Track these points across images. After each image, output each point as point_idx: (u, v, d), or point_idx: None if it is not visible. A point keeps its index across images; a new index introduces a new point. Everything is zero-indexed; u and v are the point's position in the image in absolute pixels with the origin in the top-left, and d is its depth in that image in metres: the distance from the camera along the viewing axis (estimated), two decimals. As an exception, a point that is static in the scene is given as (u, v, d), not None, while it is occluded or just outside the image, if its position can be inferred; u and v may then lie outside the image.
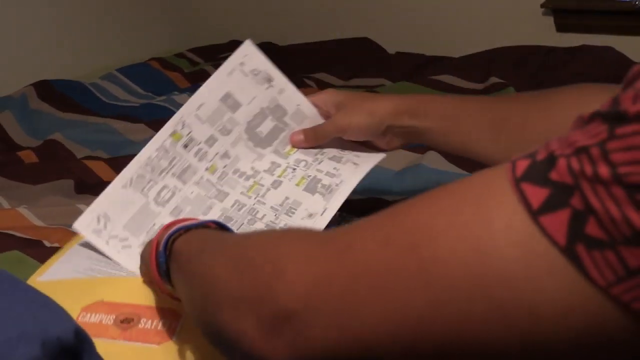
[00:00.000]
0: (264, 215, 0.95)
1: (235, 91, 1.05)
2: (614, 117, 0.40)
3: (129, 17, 2.53)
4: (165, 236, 0.72)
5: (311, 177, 1.00)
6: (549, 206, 0.41)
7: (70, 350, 0.53)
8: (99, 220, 0.94)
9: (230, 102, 1.04)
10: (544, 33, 2.26)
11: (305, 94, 1.08)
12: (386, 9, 2.49)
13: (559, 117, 0.89)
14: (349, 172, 1.01)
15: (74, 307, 0.84)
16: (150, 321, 0.81)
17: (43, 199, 1.29)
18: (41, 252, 1.03)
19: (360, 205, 1.23)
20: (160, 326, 0.80)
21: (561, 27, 2.25)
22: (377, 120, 1.02)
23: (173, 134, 0.99)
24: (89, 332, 0.64)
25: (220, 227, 0.75)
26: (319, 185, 0.99)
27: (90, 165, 1.48)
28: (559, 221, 0.40)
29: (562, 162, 0.41)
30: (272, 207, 0.97)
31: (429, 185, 1.27)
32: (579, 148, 0.41)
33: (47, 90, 1.92)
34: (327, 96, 1.07)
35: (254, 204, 0.97)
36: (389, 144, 1.07)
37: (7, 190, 1.36)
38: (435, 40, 2.38)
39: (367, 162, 1.04)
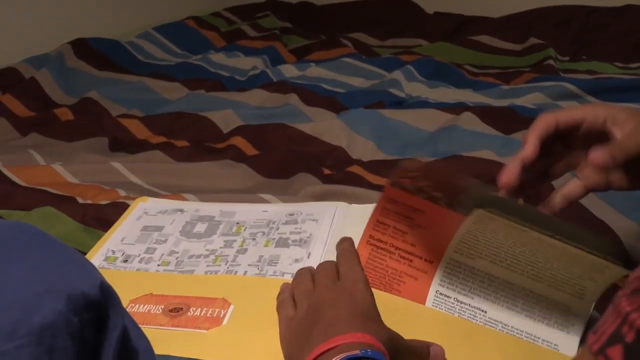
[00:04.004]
0: (245, 272, 0.90)
1: (150, 223, 1.02)
2: None
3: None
4: None
5: (276, 239, 0.96)
6: None
7: (96, 305, 0.53)
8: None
9: (151, 228, 1.01)
10: (586, -8, 2.21)
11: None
12: (425, -33, 2.46)
13: None
14: (312, 227, 0.97)
15: (121, 299, 0.84)
16: (199, 309, 0.81)
17: (77, 156, 1.30)
18: (74, 209, 1.04)
19: (395, 166, 1.22)
20: (209, 313, 0.80)
21: (605, -13, 2.19)
22: None
23: (106, 258, 0.95)
24: (137, 321, 0.64)
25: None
26: (289, 241, 0.95)
27: (124, 123, 1.48)
28: None
29: None
30: (249, 265, 0.91)
31: (463, 146, 1.26)
32: None
33: (84, 48, 1.92)
34: (610, 111, 0.78)
35: (227, 269, 0.91)
36: None
37: (43, 147, 1.37)
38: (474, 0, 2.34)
39: (324, 214, 1.00)
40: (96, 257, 0.95)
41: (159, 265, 0.93)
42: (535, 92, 1.54)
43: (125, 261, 0.94)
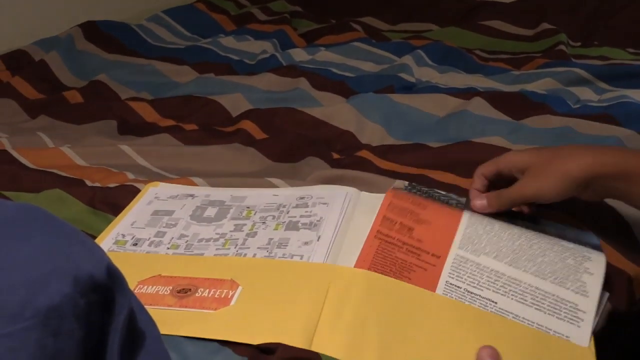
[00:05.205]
0: (254, 254, 0.89)
1: (161, 208, 1.02)
2: None
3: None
4: None
5: (286, 223, 0.95)
6: None
7: (102, 287, 0.53)
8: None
9: (161, 213, 1.01)
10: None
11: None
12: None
13: None
14: (323, 211, 0.96)
15: (130, 280, 0.85)
16: (207, 290, 0.81)
17: (86, 139, 1.30)
18: (82, 191, 1.04)
19: (404, 151, 1.21)
20: (217, 294, 0.80)
21: (619, -29, 2.17)
22: (570, 184, 0.85)
23: (116, 242, 0.95)
24: (145, 301, 0.64)
25: None
26: (299, 224, 0.94)
27: (133, 106, 1.48)
28: None
29: None
30: (258, 248, 0.90)
31: (473, 132, 1.26)
32: None
33: (94, 31, 1.92)
34: (513, 159, 0.91)
35: (236, 252, 0.90)
36: (586, 198, 0.89)
37: (52, 130, 1.37)
38: (486, -16, 2.32)
39: (335, 198, 0.99)
40: (106, 240, 0.95)
41: (168, 248, 0.93)
42: (546, 78, 1.53)
43: (135, 244, 0.94)
